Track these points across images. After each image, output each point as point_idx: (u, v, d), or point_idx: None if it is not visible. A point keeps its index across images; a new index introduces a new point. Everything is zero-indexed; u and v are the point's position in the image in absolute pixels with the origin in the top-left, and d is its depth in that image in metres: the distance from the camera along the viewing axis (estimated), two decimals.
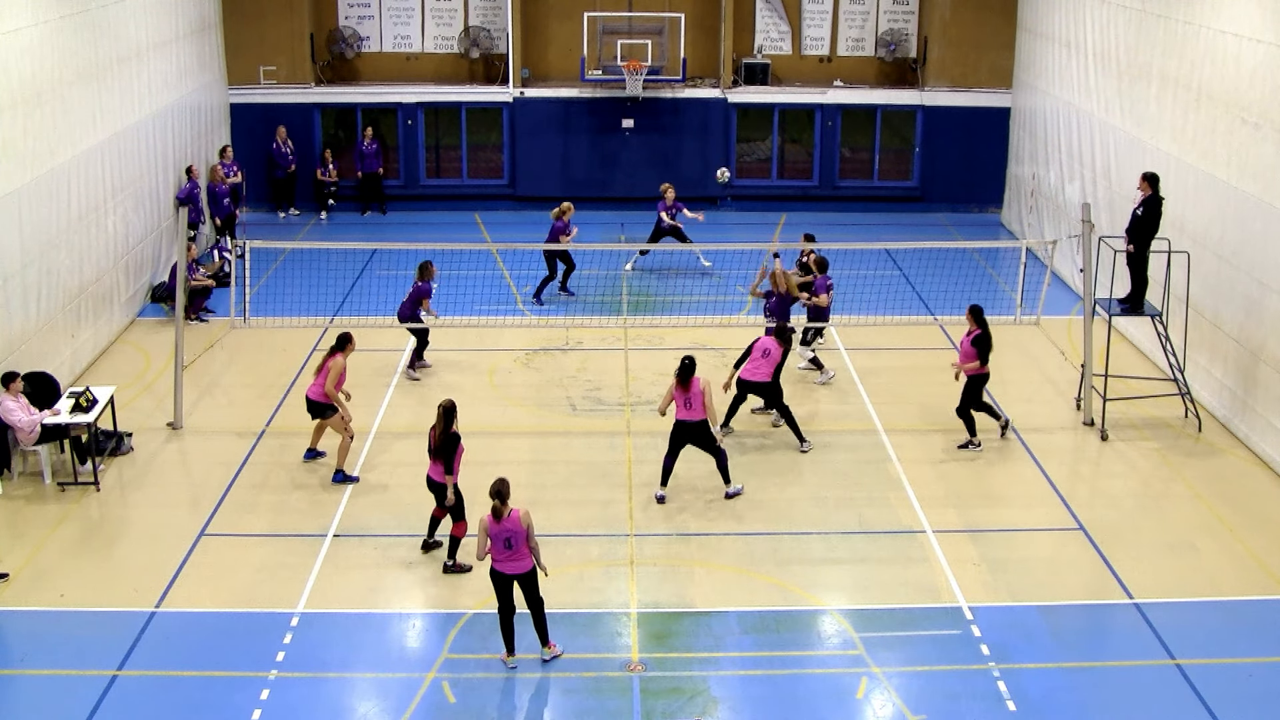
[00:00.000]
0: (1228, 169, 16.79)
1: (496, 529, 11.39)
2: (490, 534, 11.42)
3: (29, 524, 14.15)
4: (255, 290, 19.12)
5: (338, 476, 15.19)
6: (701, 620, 12.51)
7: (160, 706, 11.19)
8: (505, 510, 11.36)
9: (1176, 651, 12.03)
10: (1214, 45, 17.21)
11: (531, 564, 11.59)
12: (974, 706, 11.24)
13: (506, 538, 11.40)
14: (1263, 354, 15.89)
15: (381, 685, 11.56)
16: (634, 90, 25.95)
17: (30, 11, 16.75)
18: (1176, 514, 14.69)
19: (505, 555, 11.49)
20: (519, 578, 11.58)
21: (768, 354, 15.83)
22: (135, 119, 20.57)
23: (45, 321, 16.95)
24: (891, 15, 27.48)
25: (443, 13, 27.40)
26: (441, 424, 13.09)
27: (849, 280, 20.86)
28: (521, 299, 21.29)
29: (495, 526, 11.38)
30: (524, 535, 11.44)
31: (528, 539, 11.48)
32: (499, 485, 11.43)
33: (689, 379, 14.36)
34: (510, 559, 11.50)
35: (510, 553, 11.48)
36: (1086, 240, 16.81)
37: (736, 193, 27.41)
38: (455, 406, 13.22)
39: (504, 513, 11.36)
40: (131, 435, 16.06)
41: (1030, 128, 24.97)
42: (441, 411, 13.14)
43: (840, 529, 14.24)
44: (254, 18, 25.83)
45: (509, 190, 27.36)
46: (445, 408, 13.15)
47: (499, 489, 11.40)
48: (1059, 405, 17.56)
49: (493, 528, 11.39)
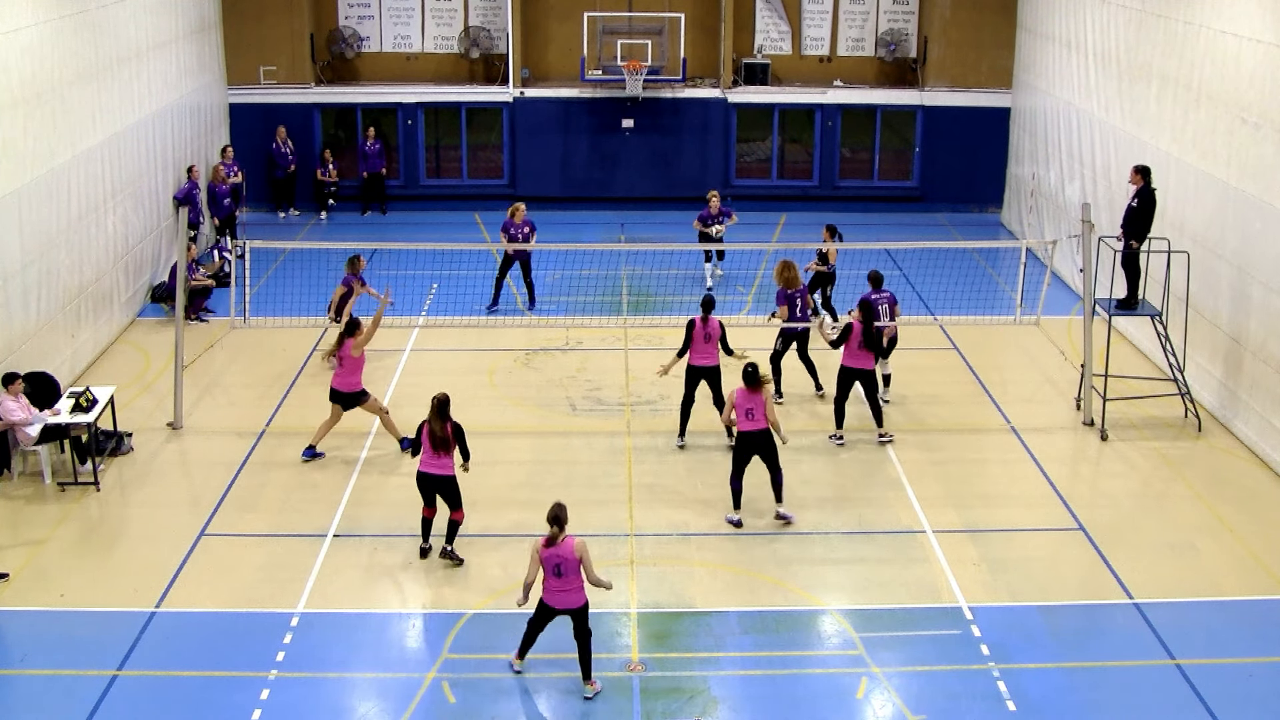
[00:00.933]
0: (1228, 169, 16.79)
1: (547, 553, 11.01)
2: (540, 558, 11.05)
3: (29, 524, 14.16)
4: (255, 290, 19.12)
5: (404, 443, 15.59)
6: (701, 620, 12.51)
7: (160, 706, 11.19)
8: (560, 536, 10.99)
9: (1176, 651, 12.03)
10: (1214, 45, 17.22)
11: (584, 599, 11.20)
12: (974, 706, 11.24)
13: (557, 564, 11.00)
14: (1262, 354, 15.89)
15: (381, 685, 11.56)
16: (634, 90, 25.96)
17: (30, 11, 16.75)
18: (1176, 514, 14.69)
19: (555, 586, 11.09)
20: (570, 613, 11.25)
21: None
22: (135, 119, 20.57)
23: (45, 321, 16.95)
24: (891, 15, 27.48)
25: (443, 13, 27.40)
26: (439, 418, 13.05)
27: (849, 280, 20.85)
28: (521, 301, 21.28)
29: (546, 551, 11.01)
30: (576, 565, 11.03)
31: (582, 569, 11.08)
32: (557, 511, 11.06)
33: (756, 384, 13.89)
34: (560, 590, 11.11)
35: (560, 582, 11.07)
36: (1086, 240, 16.82)
37: (736, 193, 27.41)
38: (449, 398, 13.23)
39: (558, 538, 10.98)
40: (131, 435, 16.06)
41: (1030, 128, 24.97)
42: (437, 404, 13.10)
43: (840, 529, 14.24)
44: (254, 18, 25.84)
45: (509, 190, 27.33)
46: (441, 400, 13.12)
47: (557, 514, 11.03)
48: (1059, 405, 17.56)
49: (543, 552, 11.02)
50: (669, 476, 15.45)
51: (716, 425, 16.44)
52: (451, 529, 13.35)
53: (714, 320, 15.89)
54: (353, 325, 15.33)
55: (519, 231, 20.38)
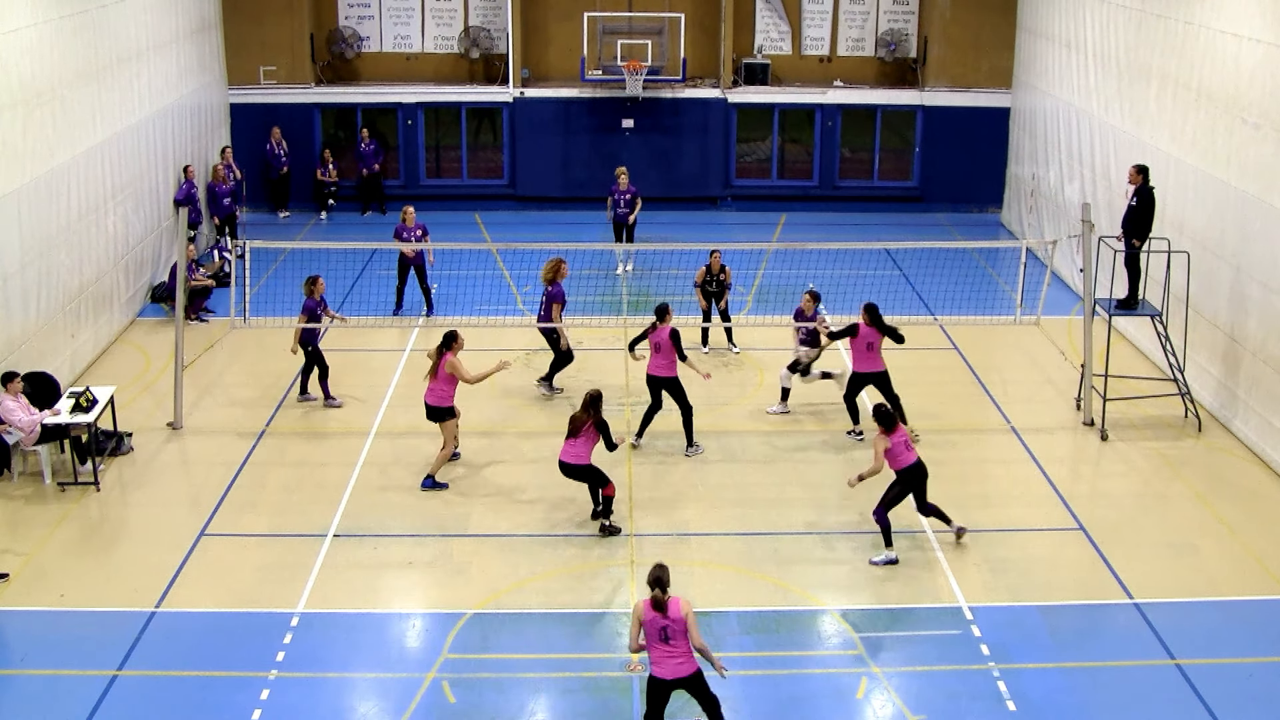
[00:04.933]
0: (1228, 169, 16.79)
1: (651, 618, 9.98)
2: (644, 622, 10.02)
3: (29, 524, 14.15)
4: (255, 290, 19.11)
5: (427, 482, 14.98)
6: (701, 620, 12.44)
7: (160, 706, 11.19)
8: (665, 599, 9.94)
9: (1176, 651, 12.03)
10: (1214, 45, 17.21)
11: (696, 666, 10.11)
12: (974, 706, 11.24)
13: (663, 627, 9.97)
14: (1262, 354, 15.89)
15: (381, 685, 11.56)
16: (634, 90, 25.96)
17: (30, 11, 16.75)
18: (1176, 514, 14.68)
19: (663, 653, 10.01)
20: (683, 682, 10.11)
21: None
22: (135, 119, 20.57)
23: (45, 321, 16.95)
24: (891, 15, 27.48)
25: (443, 13, 27.40)
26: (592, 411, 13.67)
27: (849, 280, 20.87)
28: (521, 301, 21.28)
29: (651, 615, 9.98)
30: (684, 628, 9.97)
31: (688, 633, 10.00)
32: (659, 573, 10.02)
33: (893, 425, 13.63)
34: (669, 658, 9.99)
35: (668, 649, 9.98)
36: (1086, 240, 16.82)
37: (736, 193, 27.43)
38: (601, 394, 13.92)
39: (664, 602, 9.93)
40: (131, 435, 16.06)
41: (1030, 128, 24.97)
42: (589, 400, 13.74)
43: (840, 529, 14.24)
44: (254, 18, 25.84)
45: (509, 190, 27.36)
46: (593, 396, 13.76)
47: (659, 576, 9.99)
48: (1059, 405, 17.56)
49: (648, 615, 10.00)
50: (669, 476, 15.45)
51: (719, 425, 16.46)
52: (607, 504, 14.04)
53: (665, 328, 15.74)
54: (450, 337, 15.01)
55: (411, 234, 20.27)
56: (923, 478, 13.42)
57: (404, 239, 20.20)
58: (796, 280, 21.49)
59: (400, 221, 20.44)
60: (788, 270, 21.82)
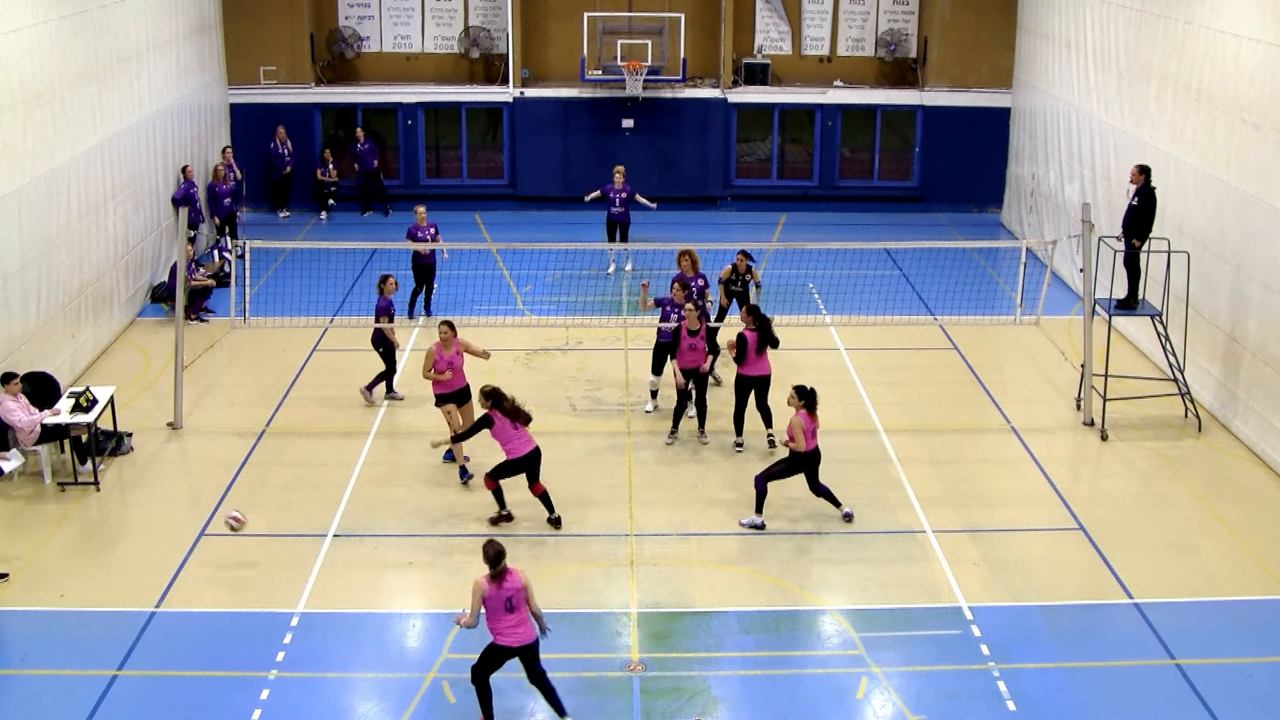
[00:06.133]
0: (1228, 169, 16.79)
1: (495, 592, 10.40)
2: (486, 598, 10.42)
3: (29, 524, 14.15)
4: (255, 290, 19.12)
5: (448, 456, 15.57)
6: (701, 620, 12.51)
7: (160, 706, 11.19)
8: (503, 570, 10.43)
9: (1176, 651, 12.03)
10: (1214, 45, 17.22)
11: (535, 634, 10.67)
12: (974, 706, 11.24)
13: (508, 598, 10.41)
14: (1263, 354, 15.89)
15: (381, 685, 11.57)
16: (634, 90, 25.96)
17: (30, 11, 16.75)
18: (1176, 514, 14.69)
19: (508, 624, 10.46)
20: (521, 650, 10.61)
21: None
22: (135, 119, 20.58)
23: (45, 321, 16.95)
24: (891, 15, 27.48)
25: (443, 13, 27.40)
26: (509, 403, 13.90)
27: (849, 280, 20.88)
28: (521, 301, 21.28)
29: (492, 589, 10.40)
30: (525, 595, 10.53)
31: (528, 600, 10.58)
32: (497, 547, 10.44)
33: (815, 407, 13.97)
34: (513, 628, 10.49)
35: (512, 619, 10.46)
36: (1086, 240, 16.82)
37: (736, 193, 27.43)
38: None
39: (502, 574, 10.43)
40: (131, 435, 16.06)
41: (1030, 128, 24.97)
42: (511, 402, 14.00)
43: (840, 529, 14.24)
44: (254, 18, 25.84)
45: (509, 190, 27.36)
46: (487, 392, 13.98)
47: (498, 550, 10.42)
48: (1059, 405, 17.56)
49: (490, 591, 10.40)
50: (669, 476, 15.46)
51: (719, 425, 16.45)
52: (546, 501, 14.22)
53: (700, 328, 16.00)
54: (449, 324, 15.29)
55: (425, 234, 20.29)
56: (815, 463, 14.13)
57: (419, 239, 20.25)
58: (797, 280, 21.54)
59: (414, 222, 20.47)
60: (788, 270, 21.82)
